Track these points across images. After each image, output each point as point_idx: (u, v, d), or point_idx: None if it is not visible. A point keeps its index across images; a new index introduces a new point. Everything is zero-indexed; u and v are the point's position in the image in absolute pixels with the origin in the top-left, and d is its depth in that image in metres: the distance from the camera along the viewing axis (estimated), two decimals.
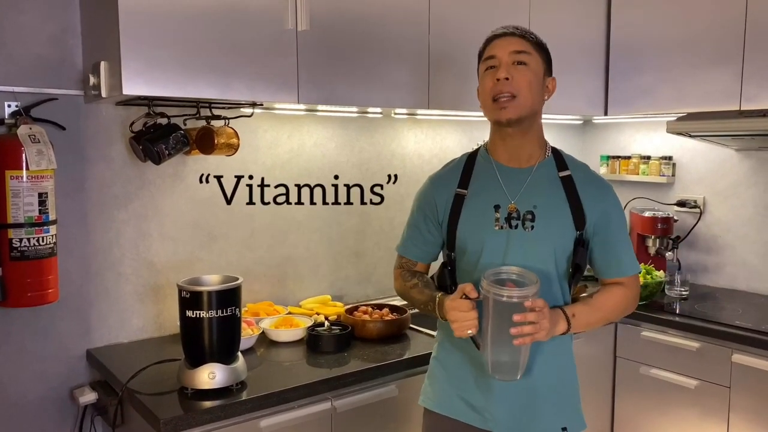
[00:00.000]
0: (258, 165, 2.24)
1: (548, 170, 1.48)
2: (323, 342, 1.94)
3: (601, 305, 1.48)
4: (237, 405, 1.57)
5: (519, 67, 1.41)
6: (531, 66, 1.42)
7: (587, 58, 2.68)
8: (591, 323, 1.48)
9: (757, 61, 2.23)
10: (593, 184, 1.49)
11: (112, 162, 1.95)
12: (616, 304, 1.50)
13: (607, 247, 1.47)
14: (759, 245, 2.66)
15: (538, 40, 1.47)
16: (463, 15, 2.24)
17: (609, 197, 1.48)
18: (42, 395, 1.88)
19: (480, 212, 1.47)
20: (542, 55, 1.46)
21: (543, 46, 1.47)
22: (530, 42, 1.44)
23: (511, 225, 1.43)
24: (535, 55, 1.44)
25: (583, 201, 1.45)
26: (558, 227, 1.44)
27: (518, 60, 1.41)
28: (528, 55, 1.42)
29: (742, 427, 2.15)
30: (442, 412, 1.55)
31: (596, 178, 1.51)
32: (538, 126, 1.49)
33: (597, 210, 1.45)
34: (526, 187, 1.46)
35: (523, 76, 1.41)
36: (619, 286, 1.50)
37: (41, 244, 1.69)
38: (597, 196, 1.47)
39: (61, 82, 1.83)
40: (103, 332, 1.97)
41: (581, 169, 1.50)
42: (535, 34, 1.48)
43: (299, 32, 1.85)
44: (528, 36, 1.45)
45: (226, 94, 1.76)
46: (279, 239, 2.31)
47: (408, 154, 2.64)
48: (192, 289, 1.58)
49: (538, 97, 1.44)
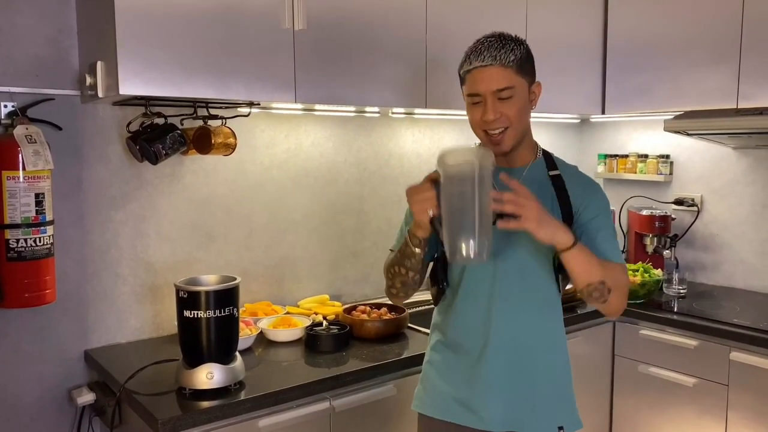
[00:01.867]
0: (255, 165, 2.24)
1: (539, 170, 1.50)
2: (321, 342, 1.94)
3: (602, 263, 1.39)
4: (235, 405, 1.56)
5: (506, 101, 1.39)
6: (517, 95, 1.39)
7: (584, 57, 2.68)
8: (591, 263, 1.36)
9: (754, 59, 2.24)
10: (582, 182, 1.51)
11: (109, 162, 1.95)
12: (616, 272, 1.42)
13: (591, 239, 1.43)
14: (756, 243, 2.67)
15: (518, 59, 1.38)
16: (460, 13, 2.24)
17: (597, 195, 1.49)
18: (40, 396, 1.88)
19: None
20: (526, 73, 1.41)
21: (524, 62, 1.40)
22: (511, 68, 1.38)
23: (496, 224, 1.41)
24: (518, 81, 1.39)
25: (572, 197, 1.46)
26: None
27: (505, 96, 1.39)
28: (512, 88, 1.38)
29: (741, 424, 2.16)
30: (436, 415, 1.54)
31: (585, 177, 1.53)
32: (528, 133, 1.51)
33: (584, 206, 1.46)
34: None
35: (511, 109, 1.40)
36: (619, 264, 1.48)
37: (38, 244, 1.69)
38: (585, 193, 1.48)
39: (58, 82, 1.83)
40: (100, 333, 1.97)
41: (571, 169, 1.53)
42: (516, 46, 1.39)
43: (296, 32, 1.85)
44: (507, 63, 1.37)
45: (223, 93, 1.76)
46: (277, 239, 2.31)
47: (406, 154, 2.64)
48: (190, 289, 1.58)
49: (527, 116, 1.46)
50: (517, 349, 1.47)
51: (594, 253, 1.38)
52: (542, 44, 2.49)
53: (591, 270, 1.36)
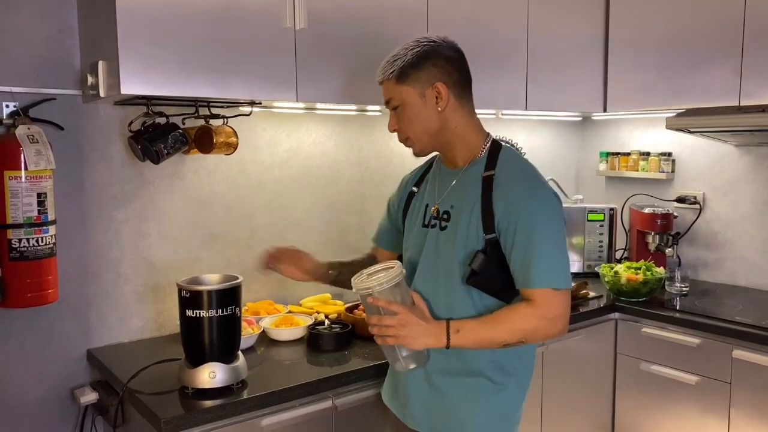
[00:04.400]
0: (257, 164, 2.23)
1: (476, 170, 1.44)
2: (324, 340, 1.94)
3: (497, 322, 1.35)
4: (238, 404, 1.56)
5: (397, 111, 1.45)
6: (404, 104, 1.42)
7: (586, 55, 2.67)
8: (481, 341, 1.36)
9: (756, 56, 2.23)
10: (511, 184, 1.38)
11: (111, 162, 1.95)
12: (516, 324, 1.34)
13: (515, 253, 1.34)
14: (758, 241, 2.66)
15: (399, 68, 1.40)
16: (462, 12, 2.23)
17: (524, 199, 1.35)
18: (42, 396, 1.88)
19: (416, 211, 1.55)
20: (410, 80, 1.40)
21: (406, 70, 1.40)
22: (392, 81, 1.42)
23: (431, 224, 1.48)
24: (400, 90, 1.41)
25: (495, 202, 1.37)
26: (465, 228, 1.40)
27: (392, 107, 1.45)
28: (394, 99, 1.43)
29: (743, 422, 2.15)
30: (385, 401, 1.62)
31: (518, 177, 1.39)
32: (458, 134, 1.45)
33: (507, 212, 1.35)
34: (451, 188, 1.47)
35: (402, 119, 1.44)
36: (525, 303, 1.35)
37: (40, 244, 1.69)
38: (510, 198, 1.36)
39: (59, 82, 1.83)
40: (103, 332, 1.97)
41: (507, 169, 1.40)
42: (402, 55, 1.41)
43: (297, 30, 1.85)
44: (387, 75, 1.42)
45: (224, 92, 1.76)
46: (278, 238, 2.31)
47: (407, 152, 2.61)
48: (192, 289, 1.58)
49: (427, 123, 1.42)
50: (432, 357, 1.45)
51: (485, 318, 1.36)
52: (543, 42, 2.50)
53: (484, 345, 1.37)
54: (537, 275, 1.33)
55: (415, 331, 1.35)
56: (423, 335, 1.36)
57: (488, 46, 2.33)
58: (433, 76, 1.41)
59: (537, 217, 1.34)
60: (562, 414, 2.35)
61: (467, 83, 1.46)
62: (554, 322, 1.35)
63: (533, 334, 1.36)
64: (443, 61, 1.41)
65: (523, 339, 1.35)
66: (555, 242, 1.35)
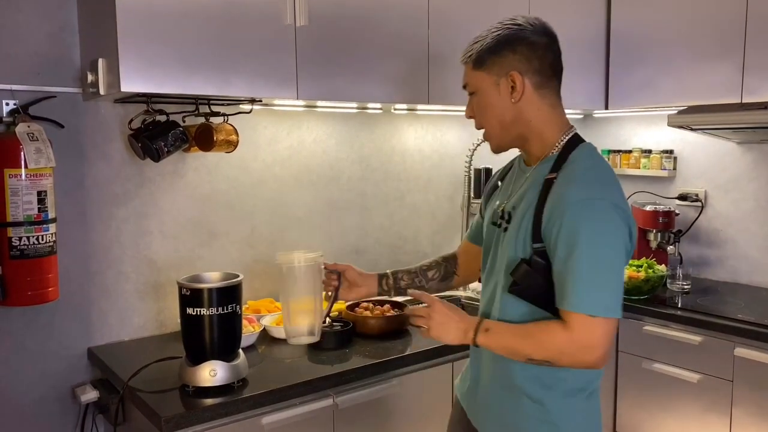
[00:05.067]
0: (258, 162, 2.23)
1: (543, 170, 1.31)
2: (324, 339, 1.92)
3: (526, 335, 1.25)
4: (239, 402, 1.56)
5: (473, 98, 1.38)
6: (478, 91, 1.34)
7: (587, 52, 2.66)
8: (507, 348, 1.28)
9: (759, 53, 2.22)
10: (563, 189, 1.23)
11: (111, 160, 1.94)
12: (544, 342, 1.22)
13: (555, 267, 1.22)
14: (760, 238, 2.65)
15: (476, 52, 1.32)
16: (463, 8, 2.23)
17: (571, 207, 1.19)
18: (43, 394, 1.88)
19: (491, 206, 1.46)
20: (486, 66, 1.31)
21: (483, 56, 1.31)
22: (469, 65, 1.35)
23: (498, 223, 1.39)
24: (476, 76, 1.33)
25: (545, 210, 1.24)
26: (517, 234, 1.29)
27: (469, 92, 1.38)
28: (469, 84, 1.36)
29: (745, 420, 2.15)
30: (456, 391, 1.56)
31: (573, 181, 1.24)
32: (533, 128, 1.33)
33: (551, 220, 1.22)
34: (521, 188, 1.36)
35: (477, 107, 1.37)
36: (560, 323, 1.21)
37: (41, 242, 1.69)
38: (556, 204, 1.22)
39: (59, 79, 1.83)
40: (103, 330, 1.97)
41: (569, 171, 1.26)
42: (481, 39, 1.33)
43: (298, 28, 1.84)
44: (465, 59, 1.35)
45: (224, 90, 1.75)
46: (279, 236, 2.31)
47: (408, 150, 2.63)
48: (192, 287, 1.58)
49: (501, 111, 1.32)
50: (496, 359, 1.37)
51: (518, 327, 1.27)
52: None
53: (509, 353, 1.28)
54: (571, 296, 1.19)
55: (444, 323, 1.34)
56: (452, 328, 1.33)
57: None
58: (510, 63, 1.30)
59: (581, 230, 1.18)
60: None
61: (553, 73, 1.35)
62: (586, 351, 1.20)
63: (560, 357, 1.22)
64: (525, 47, 1.30)
65: (550, 360, 1.23)
66: (598, 261, 1.18)
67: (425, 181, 2.69)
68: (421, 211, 2.69)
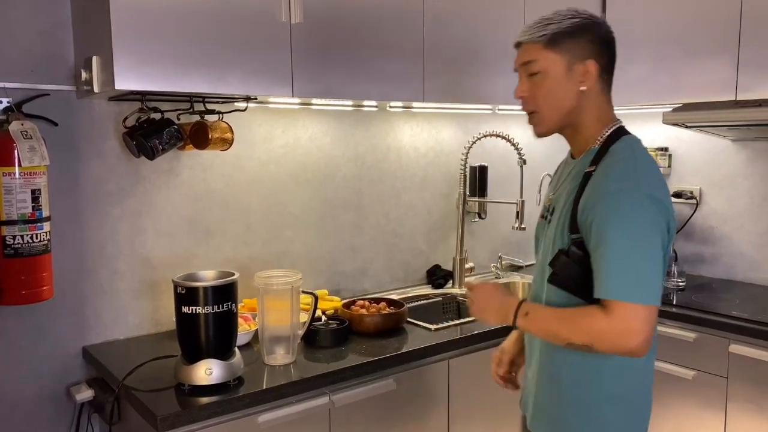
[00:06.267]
0: (253, 160, 2.23)
1: (584, 163, 1.33)
2: (320, 337, 1.93)
3: (566, 319, 1.27)
4: (234, 401, 1.56)
5: (534, 78, 1.33)
6: (545, 72, 1.31)
7: None
8: (546, 331, 1.31)
9: (753, 50, 2.23)
10: (598, 179, 1.27)
11: (106, 158, 1.94)
12: (583, 326, 1.24)
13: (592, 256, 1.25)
14: (755, 236, 2.66)
15: (552, 33, 1.30)
16: (458, 6, 2.23)
17: (604, 196, 1.23)
18: (38, 393, 1.87)
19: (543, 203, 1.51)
20: (562, 48, 1.30)
21: (559, 38, 1.30)
22: (539, 44, 1.30)
23: (545, 216, 1.44)
24: (546, 56, 1.30)
25: (581, 201, 1.27)
26: (557, 226, 1.34)
27: (530, 71, 1.33)
28: (536, 62, 1.31)
29: (740, 417, 2.16)
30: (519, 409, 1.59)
31: (609, 170, 1.27)
32: (585, 120, 1.34)
33: (586, 209, 1.25)
34: (564, 180, 1.40)
35: (538, 88, 1.33)
36: (599, 307, 1.23)
37: (35, 241, 1.68)
38: (590, 194, 1.26)
39: (53, 77, 1.82)
40: (99, 329, 1.96)
41: (607, 163, 1.28)
42: (558, 20, 1.31)
43: (293, 25, 1.84)
44: (536, 38, 1.31)
45: (219, 88, 1.75)
46: (275, 234, 2.30)
47: (404, 148, 2.63)
48: (188, 285, 1.57)
49: (562, 100, 1.32)
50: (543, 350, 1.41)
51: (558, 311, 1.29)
52: None
53: (547, 337, 1.32)
54: (606, 282, 1.21)
55: (484, 306, 1.39)
56: (491, 311, 1.38)
57: (485, 42, 2.32)
58: (587, 51, 1.30)
59: (612, 219, 1.20)
60: None
61: (612, 70, 1.37)
62: (624, 337, 1.20)
63: (600, 342, 1.22)
64: (600, 40, 1.32)
65: (589, 344, 1.23)
66: (630, 249, 1.19)
67: (421, 179, 2.69)
68: (417, 209, 2.69)
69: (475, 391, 2.08)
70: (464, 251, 2.70)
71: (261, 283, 1.74)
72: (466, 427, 2.07)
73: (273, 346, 1.77)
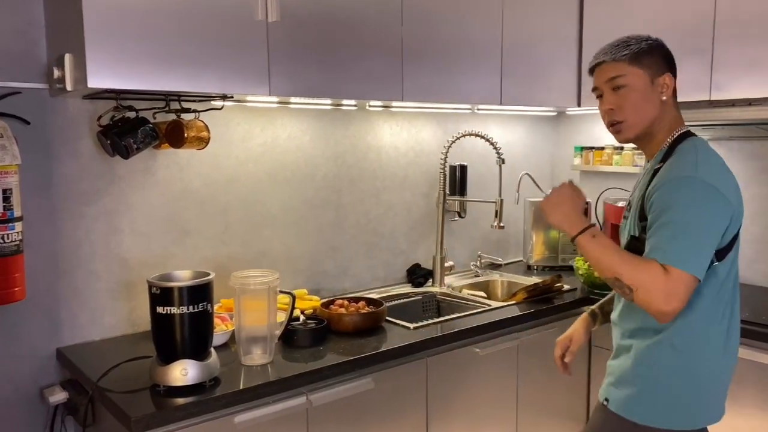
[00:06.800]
0: (231, 159, 2.21)
1: (654, 162, 1.50)
2: (298, 336, 1.93)
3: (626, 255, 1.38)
4: (210, 401, 1.55)
5: (619, 92, 1.48)
6: (630, 85, 1.46)
7: (560, 51, 2.69)
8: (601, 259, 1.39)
9: (727, 51, 2.26)
10: (662, 172, 1.42)
11: (80, 157, 1.91)
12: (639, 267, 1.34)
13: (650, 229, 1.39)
14: None
15: (633, 52, 1.47)
16: (437, 6, 2.23)
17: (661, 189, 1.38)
18: (10, 396, 1.84)
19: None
20: (644, 64, 1.47)
21: (641, 55, 1.47)
22: (624, 61, 1.47)
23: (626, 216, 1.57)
24: (632, 71, 1.46)
25: (648, 191, 1.42)
26: (631, 218, 1.50)
27: (615, 86, 1.48)
28: (623, 77, 1.47)
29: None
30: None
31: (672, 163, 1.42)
32: (661, 127, 1.50)
33: (652, 198, 1.40)
34: (640, 181, 1.55)
35: (625, 100, 1.47)
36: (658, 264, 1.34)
37: (6, 241, 1.65)
38: (656, 186, 1.40)
39: (25, 75, 1.79)
40: (73, 330, 1.93)
41: (671, 160, 1.44)
42: (635, 43, 1.48)
43: (270, 24, 1.83)
44: (620, 56, 1.47)
45: (195, 86, 1.73)
46: (254, 234, 2.29)
47: (384, 147, 2.63)
48: (162, 285, 1.56)
49: (648, 109, 1.48)
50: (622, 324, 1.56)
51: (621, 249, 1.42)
52: (518, 38, 2.51)
53: (600, 265, 1.40)
54: (668, 248, 1.33)
55: (564, 205, 1.47)
56: (559, 212, 1.47)
57: (463, 42, 2.33)
58: (663, 66, 1.49)
59: (671, 198, 1.36)
60: (537, 406, 2.37)
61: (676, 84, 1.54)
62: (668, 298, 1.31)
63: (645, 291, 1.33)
64: (669, 57, 1.52)
65: (634, 288, 1.34)
66: (686, 222, 1.33)
67: (401, 178, 2.70)
68: (397, 208, 2.70)
69: (454, 390, 2.09)
70: (444, 250, 2.71)
71: (237, 283, 1.74)
72: (445, 425, 2.08)
73: (250, 346, 1.76)
